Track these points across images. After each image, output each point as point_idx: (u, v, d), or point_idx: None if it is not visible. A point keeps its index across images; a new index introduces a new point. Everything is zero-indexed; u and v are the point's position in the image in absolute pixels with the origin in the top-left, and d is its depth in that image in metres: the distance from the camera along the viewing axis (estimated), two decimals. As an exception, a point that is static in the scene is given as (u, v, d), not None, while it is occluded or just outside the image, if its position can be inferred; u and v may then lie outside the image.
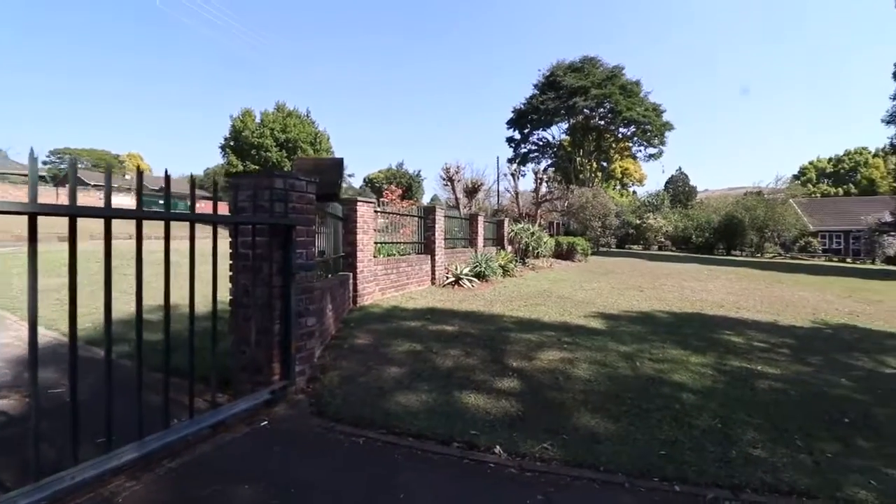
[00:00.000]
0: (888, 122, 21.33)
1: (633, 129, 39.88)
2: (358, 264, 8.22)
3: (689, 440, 3.73)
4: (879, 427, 4.16)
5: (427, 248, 11.49)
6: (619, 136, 42.02)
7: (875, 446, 3.81)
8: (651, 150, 40.46)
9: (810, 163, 70.92)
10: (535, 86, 41.74)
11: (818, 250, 34.05)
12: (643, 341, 6.61)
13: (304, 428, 3.59)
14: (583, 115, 40.52)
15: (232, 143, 45.14)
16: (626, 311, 8.99)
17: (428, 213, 11.54)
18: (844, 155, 67.53)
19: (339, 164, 4.80)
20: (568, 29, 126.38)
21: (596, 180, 44.13)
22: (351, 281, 8.10)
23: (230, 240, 4.02)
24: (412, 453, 3.30)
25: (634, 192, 51.82)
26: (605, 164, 47.20)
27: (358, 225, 8.24)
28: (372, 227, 8.70)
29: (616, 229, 30.58)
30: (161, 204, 3.65)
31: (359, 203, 8.26)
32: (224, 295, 3.75)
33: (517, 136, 44.59)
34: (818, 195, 55.37)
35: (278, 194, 3.93)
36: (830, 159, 69.39)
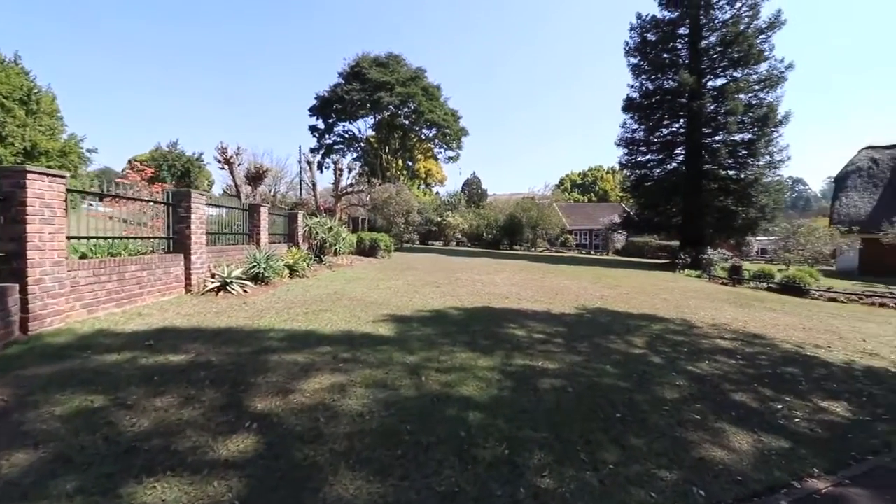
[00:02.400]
0: (618, 145, 27.21)
1: (434, 131, 42.00)
2: (30, 270, 5.31)
3: (474, 485, 2.89)
4: (645, 417, 4.18)
5: (179, 244, 8.77)
6: (423, 136, 43.79)
7: (646, 443, 3.68)
8: (450, 153, 43.58)
9: (566, 175, 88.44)
10: (341, 74, 40.00)
11: (573, 245, 42.31)
12: (433, 346, 5.87)
13: None
14: (388, 112, 40.66)
15: None
16: (420, 310, 8.35)
17: (180, 200, 8.81)
18: (588, 170, 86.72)
19: None
20: (371, 21, 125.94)
21: (402, 178, 45.01)
22: (16, 296, 5.16)
23: None
24: None
25: (438, 193, 55.11)
26: (410, 163, 48.70)
27: (30, 210, 5.33)
28: (61, 214, 5.80)
29: (419, 226, 31.50)
30: None
31: (30, 175, 5.33)
32: None
33: (321, 125, 42.02)
34: (572, 201, 69.34)
35: None
36: (579, 173, 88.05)
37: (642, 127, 26.76)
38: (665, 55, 25.94)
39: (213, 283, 9.00)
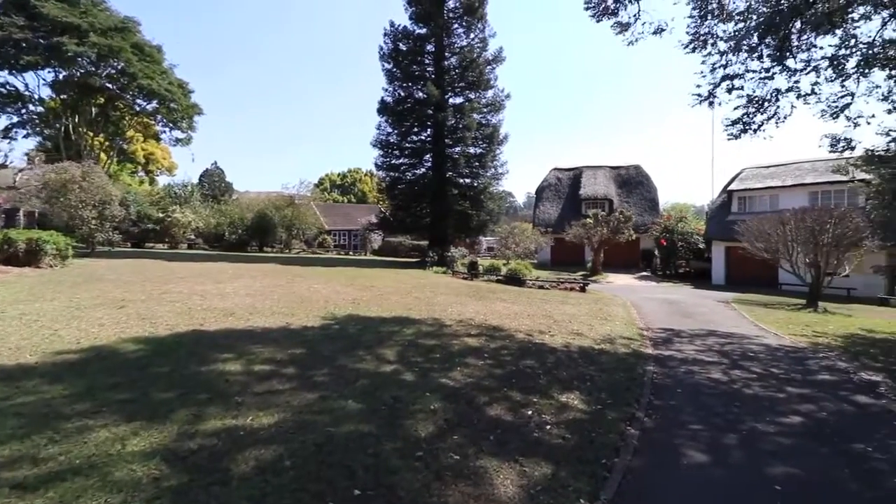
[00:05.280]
0: (374, 146, 27.18)
1: (156, 103, 33.21)
2: None
3: None
4: (394, 483, 2.88)
5: None
6: (138, 108, 34.10)
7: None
8: (179, 134, 35.03)
9: (326, 175, 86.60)
10: (-13, -1, 26.93)
11: (331, 246, 40.85)
12: (43, 425, 3.24)
13: None
14: (81, 69, 29.94)
15: None
16: (65, 350, 5.17)
17: None
18: (348, 172, 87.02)
19: None
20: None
21: (107, 161, 34.21)
22: None
23: None
24: None
25: (171, 185, 43.98)
26: (120, 141, 37.44)
27: None
28: None
29: (127, 223, 23.75)
30: None
31: None
32: None
33: (-53, 68, 27.32)
34: (332, 201, 67.91)
35: None
36: (339, 174, 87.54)
37: (396, 131, 27.51)
38: (415, 67, 27.33)
39: None
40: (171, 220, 29.10)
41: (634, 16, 10.03)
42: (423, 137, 27.80)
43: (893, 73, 7.50)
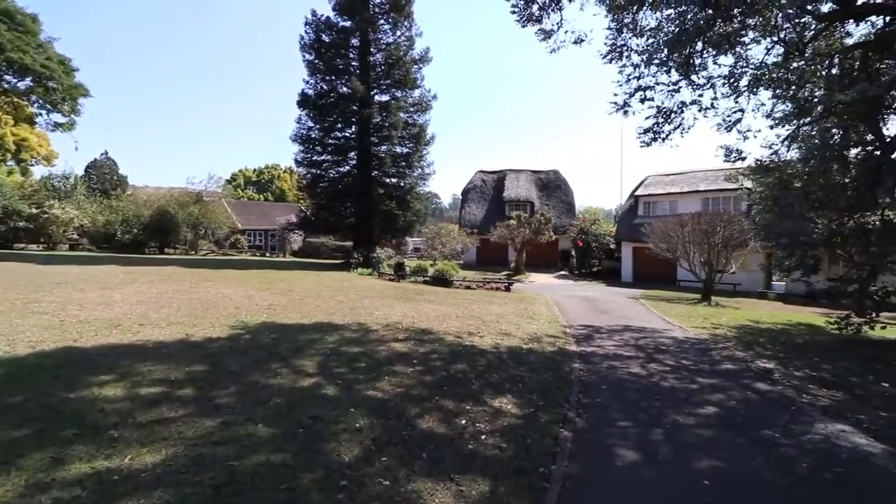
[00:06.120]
0: (294, 141, 25.63)
1: (30, 81, 28.30)
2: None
3: None
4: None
5: None
6: (7, 86, 28.83)
7: None
8: (59, 118, 30.15)
9: (240, 171, 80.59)
10: None
11: (245, 246, 37.90)
12: None
13: None
14: (-79, 34, 24.69)
15: None
16: None
17: None
18: (265, 168, 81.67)
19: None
20: None
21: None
22: None
23: None
24: None
25: (47, 177, 37.30)
26: (-19, 124, 31.45)
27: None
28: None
29: None
30: None
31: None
32: None
33: None
34: (246, 199, 63.23)
35: None
36: (255, 170, 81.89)
37: (318, 126, 26.17)
38: (339, 60, 26.21)
39: None
40: (47, 217, 24.97)
41: (557, 24, 10.31)
42: (347, 134, 26.77)
43: (776, 92, 8.45)
